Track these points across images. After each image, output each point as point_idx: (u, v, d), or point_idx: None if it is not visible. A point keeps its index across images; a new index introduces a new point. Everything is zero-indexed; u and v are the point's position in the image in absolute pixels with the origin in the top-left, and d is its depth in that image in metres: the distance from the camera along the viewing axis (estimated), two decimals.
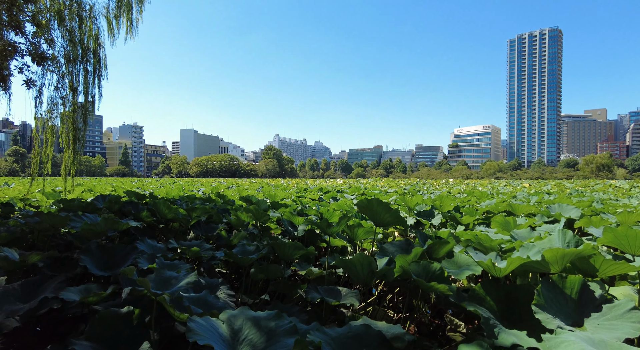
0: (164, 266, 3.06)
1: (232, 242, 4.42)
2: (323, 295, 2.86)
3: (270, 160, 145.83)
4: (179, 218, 4.96)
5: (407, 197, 6.98)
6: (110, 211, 5.52)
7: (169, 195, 8.98)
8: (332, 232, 3.90)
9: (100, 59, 8.64)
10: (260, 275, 3.64)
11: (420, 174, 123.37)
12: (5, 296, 2.92)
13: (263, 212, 4.76)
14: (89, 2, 8.01)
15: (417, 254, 2.65)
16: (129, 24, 8.80)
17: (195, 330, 1.62)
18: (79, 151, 8.31)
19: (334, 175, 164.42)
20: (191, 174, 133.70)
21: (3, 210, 6.63)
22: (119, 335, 2.29)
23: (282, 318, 1.94)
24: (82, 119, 7.94)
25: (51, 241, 4.72)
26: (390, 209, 3.06)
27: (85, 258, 3.23)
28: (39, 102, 7.43)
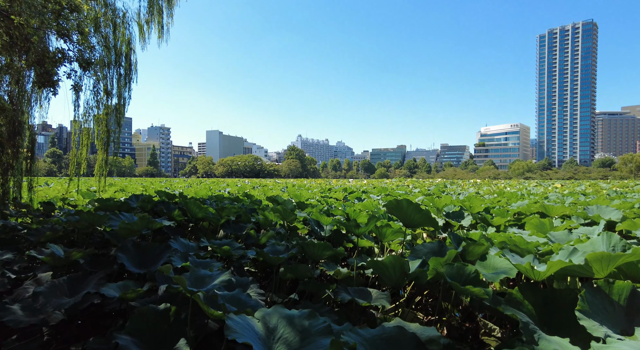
0: (197, 264, 3.14)
1: (260, 242, 4.48)
2: (354, 296, 2.85)
3: (293, 161, 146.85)
4: (209, 217, 5.08)
5: (434, 198, 6.86)
6: (143, 210, 5.71)
7: (197, 195, 9.20)
8: (360, 232, 3.88)
9: (132, 63, 8.96)
10: (289, 275, 3.67)
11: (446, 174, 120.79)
12: (53, 290, 3.07)
13: (290, 212, 4.80)
14: (122, 9, 8.33)
15: (451, 256, 2.60)
16: (160, 28, 9.09)
17: (233, 328, 1.65)
18: (116, 152, 8.64)
19: (356, 175, 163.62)
20: (216, 174, 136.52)
21: (45, 209, 7.00)
22: (157, 331, 2.36)
23: (316, 317, 1.94)
24: (117, 121, 8.26)
25: (89, 239, 4.93)
26: (421, 209, 3.01)
27: (122, 256, 3.35)
28: (77, 105, 7.77)
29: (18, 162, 6.92)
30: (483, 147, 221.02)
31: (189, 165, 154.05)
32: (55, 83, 3.79)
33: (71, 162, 8.70)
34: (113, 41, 8.19)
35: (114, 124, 8.64)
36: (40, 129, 16.96)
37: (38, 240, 4.59)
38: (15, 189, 7.25)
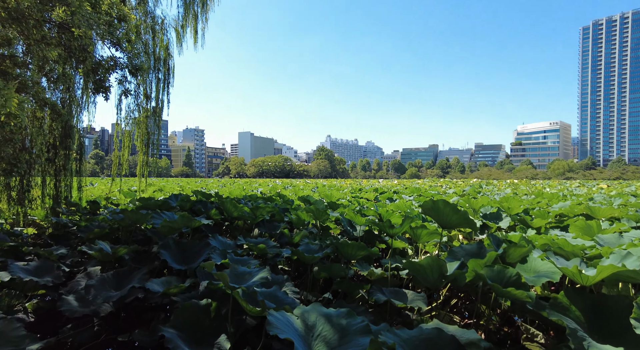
0: (235, 262, 3.24)
1: (294, 240, 4.55)
2: (389, 297, 2.84)
3: (322, 161, 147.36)
4: (244, 216, 5.21)
5: (470, 199, 6.68)
6: (182, 209, 5.94)
7: (232, 194, 9.45)
8: (394, 233, 3.85)
9: (169, 68, 9.34)
10: (323, 274, 3.70)
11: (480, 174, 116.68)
12: (102, 284, 3.27)
13: (323, 212, 4.83)
14: (160, 16, 8.70)
15: (491, 258, 2.54)
16: (195, 33, 9.41)
17: (274, 324, 1.70)
18: (154, 154, 9.05)
19: (386, 175, 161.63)
20: (248, 175, 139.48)
21: (91, 208, 7.45)
22: (199, 326, 2.47)
23: (354, 317, 1.96)
24: (156, 124, 8.64)
25: (133, 236, 5.20)
26: (458, 210, 2.95)
27: (164, 252, 3.51)
28: (119, 109, 8.21)
29: (69, 163, 7.39)
30: (520, 146, 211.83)
31: (222, 166, 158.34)
32: (107, 89, 4.05)
33: (114, 163, 9.19)
34: (152, 47, 8.58)
35: (153, 127, 9.04)
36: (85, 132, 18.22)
37: (87, 237, 4.89)
38: (66, 188, 7.76)
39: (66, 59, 3.38)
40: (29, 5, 2.43)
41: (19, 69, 3.37)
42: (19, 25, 2.52)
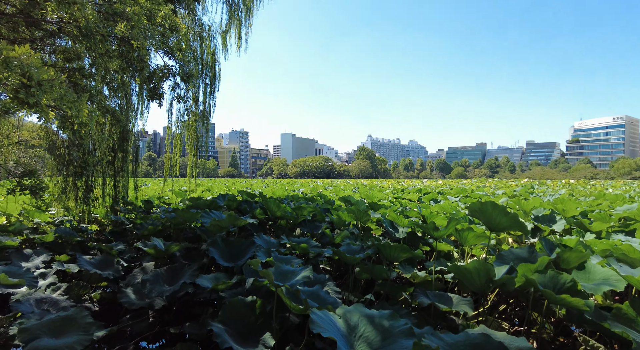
0: (279, 260, 3.32)
1: (335, 241, 4.58)
2: (433, 300, 2.78)
3: (363, 161, 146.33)
4: (286, 216, 5.33)
5: (521, 200, 6.34)
6: (229, 209, 6.18)
7: (275, 194, 9.68)
8: (439, 235, 3.76)
9: (216, 73, 9.76)
10: (364, 275, 3.69)
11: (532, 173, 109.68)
12: (156, 278, 3.50)
13: (364, 213, 4.82)
14: (207, 23, 9.12)
15: (543, 263, 2.40)
16: (239, 38, 9.76)
17: (317, 322, 1.73)
18: (203, 155, 9.50)
19: (431, 175, 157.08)
20: (290, 175, 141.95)
21: (146, 206, 7.96)
22: (245, 322, 2.57)
23: (397, 318, 1.95)
24: (204, 127, 9.08)
25: (183, 234, 5.50)
26: (508, 212, 2.82)
27: (213, 250, 3.69)
28: (170, 113, 8.71)
29: (126, 165, 7.97)
30: (577, 144, 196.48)
31: (265, 167, 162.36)
32: (161, 96, 4.35)
33: (166, 164, 9.75)
34: (200, 53, 9.01)
35: (201, 130, 9.49)
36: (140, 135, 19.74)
37: (142, 234, 5.24)
38: (124, 188, 8.37)
39: (125, 69, 3.68)
40: (97, 22, 2.69)
41: (86, 80, 3.73)
42: (88, 41, 2.80)
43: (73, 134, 2.88)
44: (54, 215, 8.22)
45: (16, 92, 2.00)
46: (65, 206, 7.65)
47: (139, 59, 3.46)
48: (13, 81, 1.99)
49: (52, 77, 2.20)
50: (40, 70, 2.08)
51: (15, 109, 2.19)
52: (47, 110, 2.25)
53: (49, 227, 7.03)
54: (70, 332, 2.78)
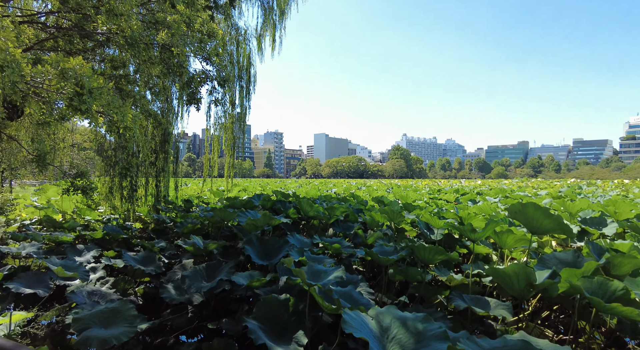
0: (312, 259, 3.36)
1: (368, 241, 4.55)
2: (470, 304, 2.70)
3: (398, 161, 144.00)
4: (319, 216, 5.37)
5: (566, 201, 5.99)
6: (264, 208, 6.32)
7: (308, 194, 9.76)
8: (476, 238, 3.64)
9: (251, 76, 9.99)
10: (398, 277, 3.65)
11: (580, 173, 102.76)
12: (195, 275, 3.64)
13: (398, 213, 4.76)
14: (243, 27, 9.36)
15: (590, 269, 2.27)
16: (273, 41, 9.94)
17: (349, 322, 1.74)
18: (239, 156, 9.78)
19: (469, 175, 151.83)
20: (323, 175, 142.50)
21: (185, 206, 8.30)
22: (279, 319, 2.62)
23: (431, 322, 1.91)
24: (241, 129, 9.34)
25: (220, 232, 5.68)
26: (550, 214, 2.69)
27: (248, 248, 3.79)
28: (208, 116, 9.03)
29: (167, 166, 8.36)
30: (633, 141, 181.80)
31: (299, 167, 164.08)
32: (199, 100, 4.55)
33: (204, 165, 10.12)
34: (236, 56, 9.27)
35: (238, 131, 9.76)
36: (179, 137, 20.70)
37: (182, 232, 5.47)
38: (165, 188, 8.77)
39: (166, 74, 3.88)
40: (140, 32, 2.87)
41: (130, 85, 3.97)
42: (133, 50, 2.99)
43: (119, 137, 3.08)
44: (102, 213, 8.77)
45: (71, 100, 2.18)
46: (112, 205, 8.13)
47: (179, 65, 3.63)
48: (68, 90, 2.17)
49: (101, 84, 2.37)
50: (92, 79, 2.25)
51: (69, 115, 2.38)
52: (96, 116, 2.43)
53: (98, 225, 7.52)
54: (117, 323, 2.96)
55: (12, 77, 1.84)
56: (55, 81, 2.18)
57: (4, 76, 1.83)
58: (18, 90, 2.04)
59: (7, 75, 1.83)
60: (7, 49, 1.88)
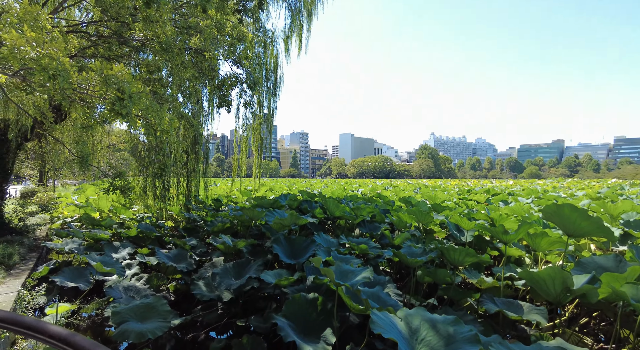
0: (339, 259, 3.37)
1: (395, 242, 4.51)
2: (501, 308, 2.63)
3: (425, 160, 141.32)
4: (346, 216, 5.36)
5: (606, 203, 5.70)
6: (290, 208, 6.38)
7: (334, 194, 9.77)
8: (508, 240, 3.53)
9: (278, 77, 10.11)
10: (426, 278, 3.59)
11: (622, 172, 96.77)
12: (225, 273, 3.73)
13: (426, 214, 4.68)
14: (271, 29, 9.48)
15: (634, 274, 2.15)
16: (300, 42, 10.01)
17: (378, 323, 1.73)
18: (266, 157, 9.92)
19: (500, 175, 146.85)
20: (348, 175, 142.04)
21: (215, 205, 8.52)
22: (308, 318, 2.64)
23: (461, 324, 1.88)
24: (268, 129, 9.47)
25: (249, 231, 5.80)
26: (589, 216, 2.57)
27: (276, 247, 3.84)
28: (237, 117, 9.21)
29: (197, 166, 8.60)
30: None
31: (324, 167, 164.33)
32: (230, 103, 4.67)
33: (233, 165, 10.34)
34: (264, 58, 9.40)
35: (265, 132, 9.90)
36: (209, 138, 21.32)
37: (212, 230, 5.62)
38: (195, 188, 9.03)
39: (197, 78, 4.00)
40: (174, 37, 2.99)
41: (164, 89, 4.13)
42: (167, 54, 3.12)
43: (155, 140, 3.22)
44: (136, 212, 9.15)
45: (113, 105, 2.31)
46: (145, 204, 8.46)
47: (210, 69, 3.75)
48: (110, 95, 2.29)
49: (140, 89, 2.49)
50: (131, 85, 2.37)
51: (111, 119, 2.51)
52: (135, 119, 2.55)
53: (132, 223, 7.85)
54: (152, 318, 3.09)
55: (62, 85, 1.97)
56: (99, 87, 2.31)
57: (55, 84, 1.96)
58: (67, 97, 2.18)
59: (58, 83, 1.96)
60: (58, 58, 2.01)
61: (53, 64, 1.95)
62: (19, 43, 1.92)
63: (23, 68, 2.04)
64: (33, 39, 1.99)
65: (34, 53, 1.94)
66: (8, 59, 1.92)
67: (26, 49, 1.94)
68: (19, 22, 2.04)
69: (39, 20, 2.08)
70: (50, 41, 2.08)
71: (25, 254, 5.80)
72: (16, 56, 1.90)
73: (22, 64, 1.94)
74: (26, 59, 1.91)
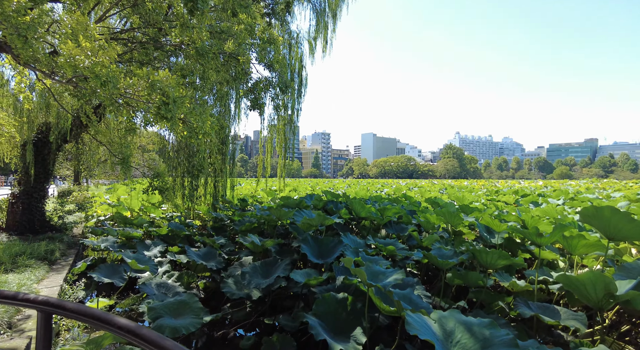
0: (367, 260, 3.37)
1: (423, 244, 4.46)
2: (537, 312, 2.56)
3: (450, 160, 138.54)
4: (371, 216, 5.34)
5: None
6: (315, 208, 6.42)
7: (357, 195, 9.75)
8: (542, 242, 3.42)
9: (302, 78, 10.17)
10: (456, 281, 3.54)
11: None
12: (254, 272, 3.80)
13: (456, 216, 4.60)
14: (295, 30, 9.56)
15: None
16: (324, 43, 10.04)
17: (413, 324, 1.73)
18: (290, 157, 10.01)
19: (528, 175, 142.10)
20: (370, 175, 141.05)
21: (241, 204, 8.67)
22: (338, 317, 2.66)
23: (497, 328, 1.85)
24: (292, 131, 9.56)
25: (275, 230, 5.87)
26: (632, 219, 2.46)
27: (304, 247, 3.88)
28: (262, 119, 9.33)
29: (224, 166, 8.78)
30: None
31: (346, 167, 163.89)
32: (263, 105, 4.75)
33: (258, 166, 10.49)
34: (289, 60, 9.49)
35: (289, 133, 9.99)
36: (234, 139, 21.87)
37: (240, 229, 5.72)
38: (222, 188, 9.22)
39: (229, 81, 4.10)
40: (210, 43, 3.10)
41: (195, 92, 4.27)
42: (203, 59, 3.23)
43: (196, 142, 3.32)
44: (165, 211, 9.43)
45: (158, 109, 2.42)
46: (174, 203, 8.71)
47: (244, 72, 3.84)
48: (156, 99, 2.40)
49: (182, 94, 2.59)
50: (175, 90, 2.47)
51: (156, 122, 2.63)
52: (179, 123, 2.65)
53: (162, 222, 8.10)
54: (185, 314, 3.18)
55: (112, 90, 2.09)
56: (145, 92, 2.43)
57: (105, 90, 2.08)
58: (114, 101, 2.30)
59: (109, 88, 2.08)
60: (109, 65, 2.13)
61: (104, 71, 2.06)
62: (74, 52, 2.05)
63: (75, 76, 2.17)
64: (88, 48, 2.12)
65: (88, 61, 2.06)
66: (63, 67, 2.05)
67: (81, 57, 2.06)
68: (72, 33, 2.17)
69: (88, 30, 2.20)
70: (101, 50, 2.20)
71: (65, 250, 6.10)
72: (71, 64, 2.03)
73: (75, 71, 2.07)
74: (80, 67, 2.03)
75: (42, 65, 2.18)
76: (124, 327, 0.74)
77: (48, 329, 0.98)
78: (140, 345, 0.74)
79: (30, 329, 3.02)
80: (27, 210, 6.82)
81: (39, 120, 6.81)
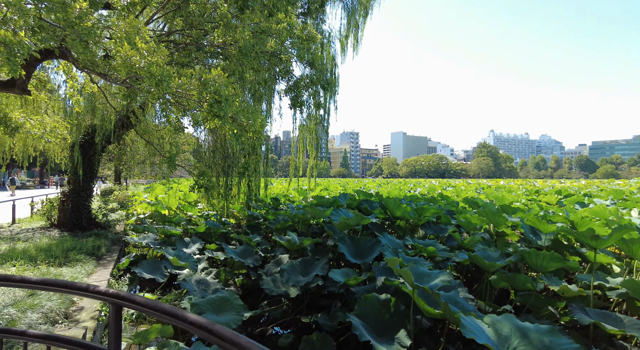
0: (408, 261, 3.28)
1: (464, 245, 4.30)
2: (597, 319, 2.39)
3: (484, 159, 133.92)
4: (407, 216, 5.22)
5: None
6: (349, 207, 6.36)
7: (390, 194, 9.60)
8: (598, 245, 3.21)
9: (335, 77, 10.12)
10: (502, 284, 3.38)
11: None
12: (292, 270, 3.81)
13: (499, 216, 4.41)
14: (327, 29, 9.54)
15: None
16: (355, 41, 9.95)
17: (469, 328, 1.65)
18: (321, 157, 10.01)
19: (569, 174, 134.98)
20: (400, 175, 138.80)
21: (274, 203, 8.76)
22: (380, 318, 2.60)
23: (559, 335, 1.73)
24: (324, 130, 9.54)
25: (310, 229, 5.88)
26: None
27: (342, 246, 3.84)
28: (294, 119, 9.37)
29: (258, 166, 8.90)
30: None
31: (375, 167, 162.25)
32: (303, 104, 4.77)
33: (290, 165, 10.56)
34: (320, 59, 9.48)
35: (321, 133, 9.97)
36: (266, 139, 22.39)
37: (275, 228, 5.76)
38: (255, 187, 9.35)
39: (266, 81, 4.16)
40: (253, 43, 3.14)
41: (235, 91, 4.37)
42: (245, 59, 3.29)
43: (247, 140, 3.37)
44: (201, 210, 9.69)
45: (211, 107, 2.48)
46: (210, 202, 8.92)
47: (285, 71, 3.87)
48: (208, 98, 2.46)
49: (232, 93, 2.64)
50: (227, 89, 2.52)
51: (206, 121, 2.70)
52: (229, 121, 2.71)
53: (199, 220, 8.32)
54: (226, 310, 3.23)
55: (165, 89, 2.16)
56: (196, 91, 2.50)
57: (159, 89, 2.16)
58: (167, 100, 2.39)
59: (163, 87, 2.15)
60: (163, 65, 2.20)
61: (159, 71, 2.13)
62: (130, 54, 2.13)
63: (129, 77, 2.27)
64: (144, 48, 2.20)
65: (144, 62, 2.14)
66: (118, 68, 2.14)
67: (136, 58, 2.15)
68: (126, 36, 2.27)
69: (141, 32, 2.29)
70: (154, 51, 2.29)
71: (110, 246, 6.39)
72: (127, 65, 2.12)
73: (129, 72, 2.16)
74: (136, 68, 2.12)
75: (99, 68, 2.28)
76: (196, 323, 0.74)
77: (118, 320, 1.02)
78: (213, 342, 0.73)
79: (83, 320, 3.18)
80: (76, 208, 7.21)
81: (85, 122, 7.18)
